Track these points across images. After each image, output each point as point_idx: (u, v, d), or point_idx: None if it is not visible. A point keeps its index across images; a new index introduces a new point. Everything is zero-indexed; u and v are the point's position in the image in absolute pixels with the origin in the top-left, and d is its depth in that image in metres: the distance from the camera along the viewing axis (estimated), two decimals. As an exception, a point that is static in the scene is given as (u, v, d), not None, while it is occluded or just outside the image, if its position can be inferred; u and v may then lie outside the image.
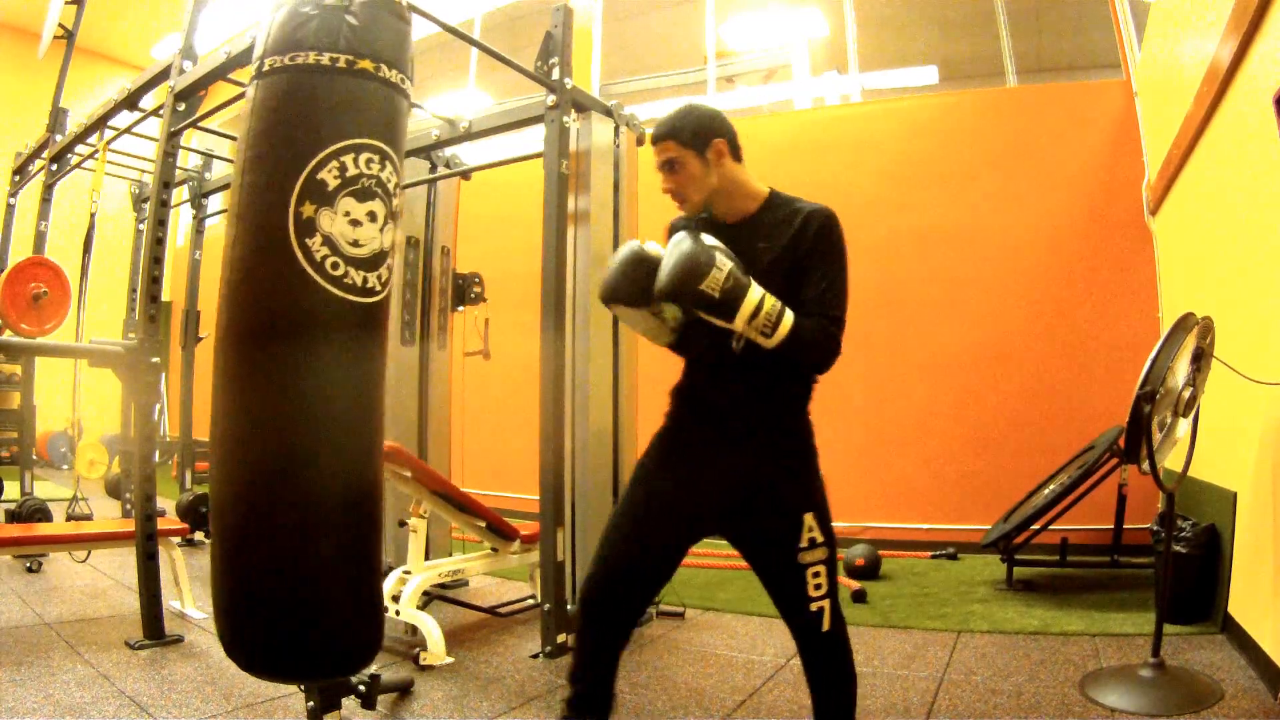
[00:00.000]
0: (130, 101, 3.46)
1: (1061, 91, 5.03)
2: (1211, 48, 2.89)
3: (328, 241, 1.57)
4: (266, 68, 1.61)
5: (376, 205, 1.65)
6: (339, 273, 1.60)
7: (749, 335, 1.48)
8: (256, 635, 1.59)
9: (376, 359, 1.71)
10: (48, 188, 4.75)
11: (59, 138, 4.60)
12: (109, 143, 3.88)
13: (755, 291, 1.46)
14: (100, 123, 3.79)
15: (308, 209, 1.56)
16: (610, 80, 6.63)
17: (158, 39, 9.60)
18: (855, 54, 5.80)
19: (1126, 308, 4.49)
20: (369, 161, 1.63)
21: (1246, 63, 2.62)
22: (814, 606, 1.54)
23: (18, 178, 5.14)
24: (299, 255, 1.55)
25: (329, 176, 1.58)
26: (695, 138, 1.58)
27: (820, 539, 1.55)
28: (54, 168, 4.66)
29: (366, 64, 1.63)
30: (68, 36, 5.40)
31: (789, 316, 1.47)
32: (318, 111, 1.60)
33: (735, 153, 1.63)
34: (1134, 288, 4.48)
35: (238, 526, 1.58)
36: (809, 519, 1.55)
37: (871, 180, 5.07)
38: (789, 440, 1.61)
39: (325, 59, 1.59)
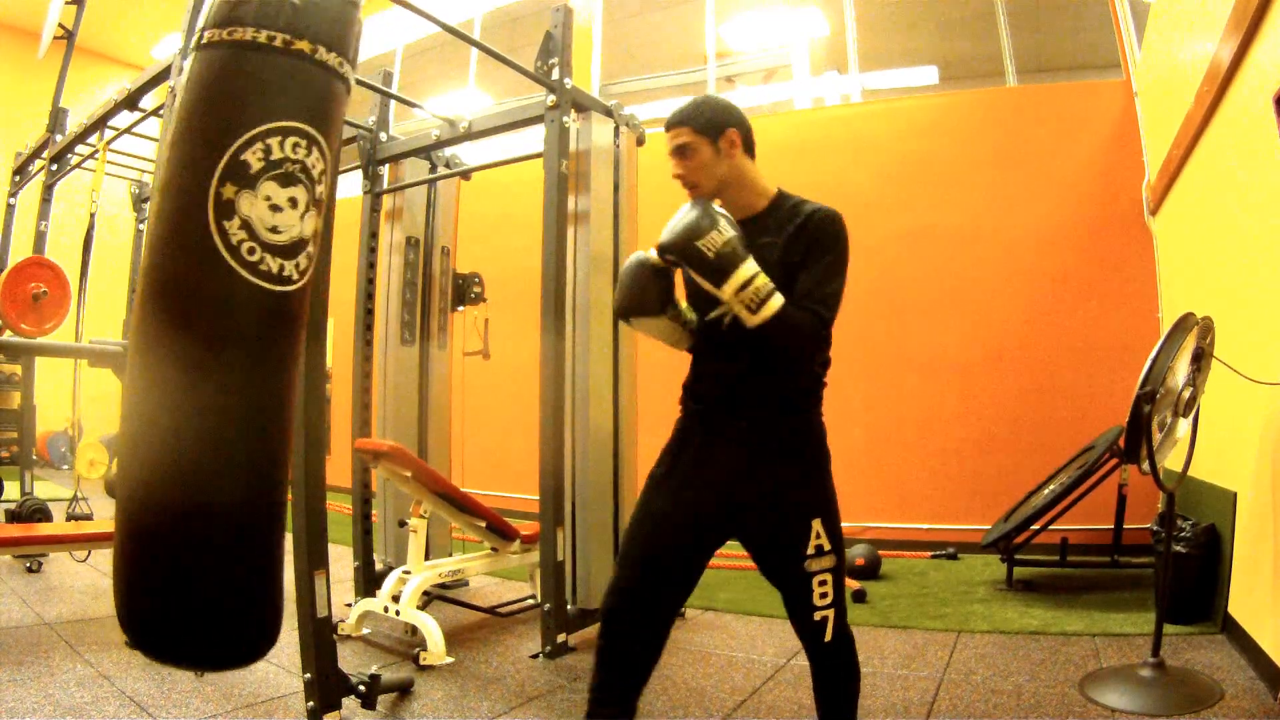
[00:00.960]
0: (130, 101, 3.46)
1: (1061, 91, 5.03)
2: (1211, 48, 2.89)
3: (245, 225, 1.51)
4: (205, 40, 1.55)
5: (299, 191, 1.58)
6: (255, 258, 1.53)
7: (735, 309, 1.47)
8: (146, 620, 1.54)
9: (288, 352, 1.64)
10: (48, 188, 4.75)
11: (59, 138, 4.60)
12: (109, 143, 3.88)
13: (750, 266, 1.45)
14: (100, 123, 3.79)
15: (228, 190, 1.50)
16: (610, 80, 6.63)
17: (158, 39, 9.60)
18: (855, 54, 5.80)
19: (1126, 308, 4.49)
20: (295, 146, 1.57)
21: (1246, 63, 2.62)
22: (818, 616, 1.52)
23: (18, 178, 5.14)
24: (215, 237, 1.49)
25: (252, 158, 1.52)
26: (710, 125, 1.58)
27: (828, 546, 1.53)
28: (54, 168, 4.66)
29: (303, 45, 1.57)
30: (68, 36, 5.40)
31: (779, 299, 1.46)
32: (247, 90, 1.53)
33: (749, 147, 1.63)
34: (1134, 288, 4.48)
35: (128, 527, 1.52)
36: (817, 525, 1.52)
37: (871, 180, 5.07)
38: (797, 441, 1.59)
39: (263, 36, 1.53)
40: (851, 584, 3.64)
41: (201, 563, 1.51)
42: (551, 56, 3.04)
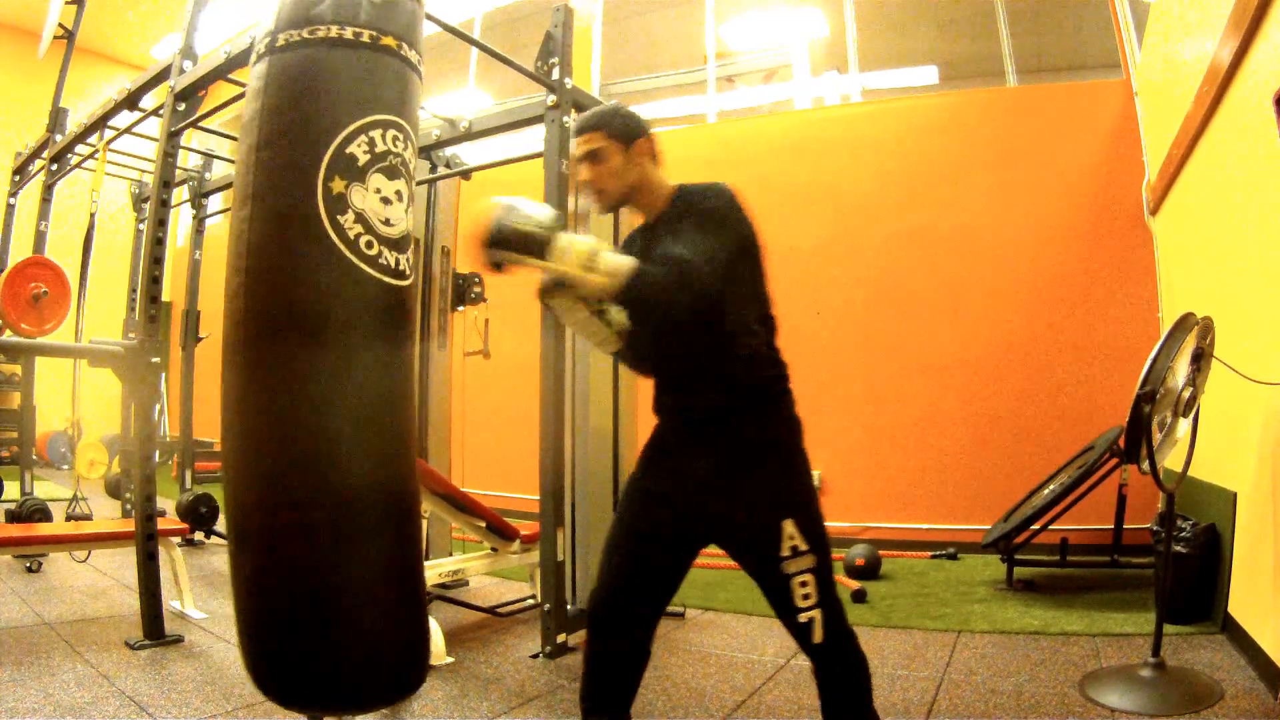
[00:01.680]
0: (130, 101, 3.46)
1: (1061, 91, 5.03)
2: (1211, 48, 2.89)
3: (361, 219, 1.47)
4: (281, 43, 1.52)
5: (402, 185, 1.56)
6: (373, 252, 1.48)
7: (579, 277, 1.38)
8: (287, 663, 1.43)
9: (409, 347, 1.62)
10: (48, 188, 4.75)
11: (59, 138, 4.60)
12: (109, 143, 3.88)
13: (571, 236, 1.40)
14: (100, 123, 3.79)
15: (338, 184, 1.46)
16: (610, 80, 6.62)
17: (158, 39, 9.61)
18: (855, 54, 5.80)
19: (1126, 308, 4.50)
20: (395, 139, 1.55)
21: (1246, 63, 2.62)
22: (802, 618, 1.47)
23: (18, 178, 5.14)
24: (331, 233, 1.44)
25: (359, 151, 1.49)
26: (623, 131, 1.58)
27: (804, 547, 1.46)
28: (54, 168, 4.66)
29: (389, 40, 1.56)
30: (68, 36, 5.40)
31: (627, 260, 1.40)
32: (342, 84, 1.51)
33: (655, 156, 1.63)
34: (1134, 288, 4.48)
35: (266, 535, 1.44)
36: (789, 526, 1.46)
37: (871, 180, 5.07)
38: (759, 439, 1.52)
39: (348, 33, 1.52)
40: (851, 584, 3.64)
41: (354, 573, 1.42)
42: (551, 56, 3.04)
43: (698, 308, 1.41)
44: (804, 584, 1.46)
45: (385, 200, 1.52)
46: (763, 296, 1.59)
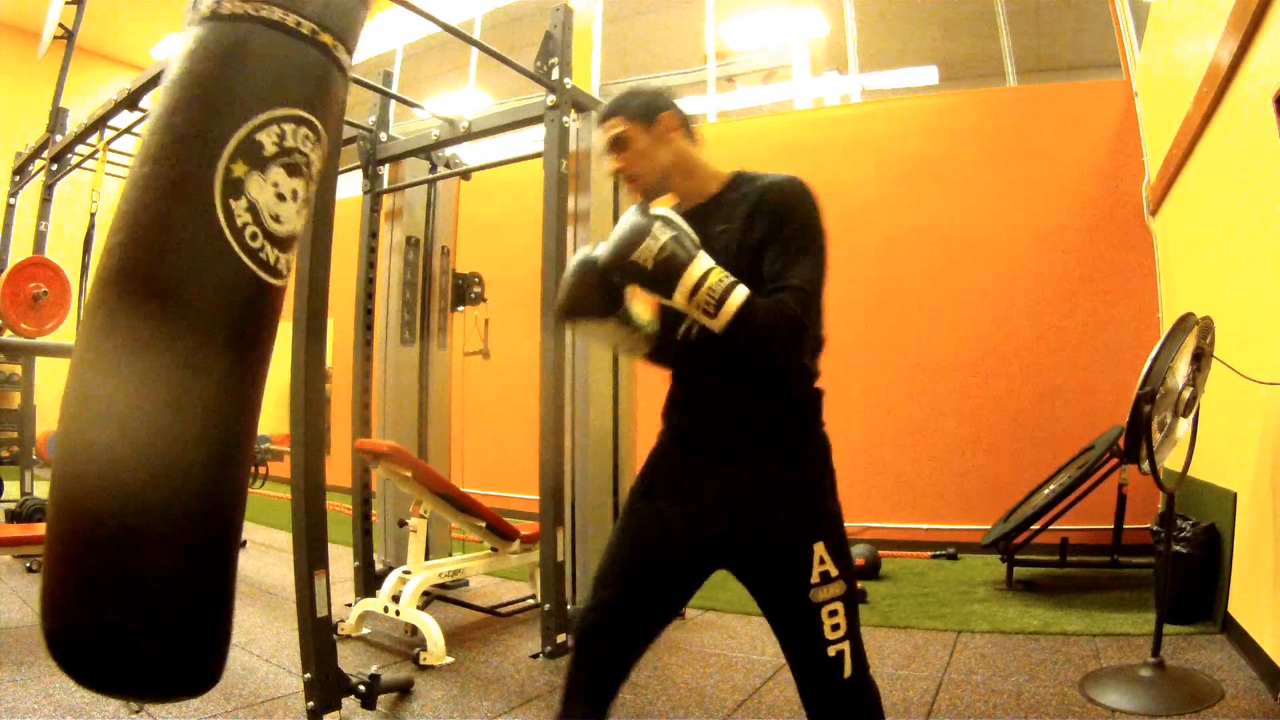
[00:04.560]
0: (130, 101, 3.46)
1: (1061, 91, 5.03)
2: (1211, 48, 2.89)
3: (252, 208, 1.42)
4: (226, 11, 1.47)
5: (300, 185, 1.52)
6: (256, 244, 1.44)
7: (695, 316, 1.32)
8: (69, 641, 1.39)
9: (267, 348, 1.55)
10: (48, 188, 4.76)
11: (59, 138, 4.60)
12: (109, 143, 3.88)
13: (699, 266, 1.29)
14: (100, 123, 3.79)
15: (239, 168, 1.41)
16: (610, 80, 6.62)
17: (158, 39, 9.60)
18: (855, 54, 5.81)
19: (1126, 308, 4.50)
20: (306, 138, 1.51)
21: (1246, 63, 2.62)
22: (832, 651, 1.35)
23: (18, 178, 5.15)
24: (220, 215, 1.39)
25: (267, 140, 1.45)
26: (642, 111, 1.49)
27: (834, 573, 1.35)
28: (54, 168, 4.66)
29: (327, 38, 1.51)
30: (68, 36, 5.40)
31: (739, 294, 1.28)
32: (270, 69, 1.46)
33: (688, 130, 1.52)
34: (1134, 288, 4.48)
35: (75, 525, 1.37)
36: (819, 549, 1.34)
37: (871, 180, 5.07)
38: (789, 456, 1.40)
39: (290, 20, 1.47)
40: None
41: (158, 566, 1.36)
42: (551, 56, 3.04)
43: (799, 345, 1.34)
44: (833, 613, 1.36)
45: (280, 196, 1.48)
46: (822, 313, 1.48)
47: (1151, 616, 2.62)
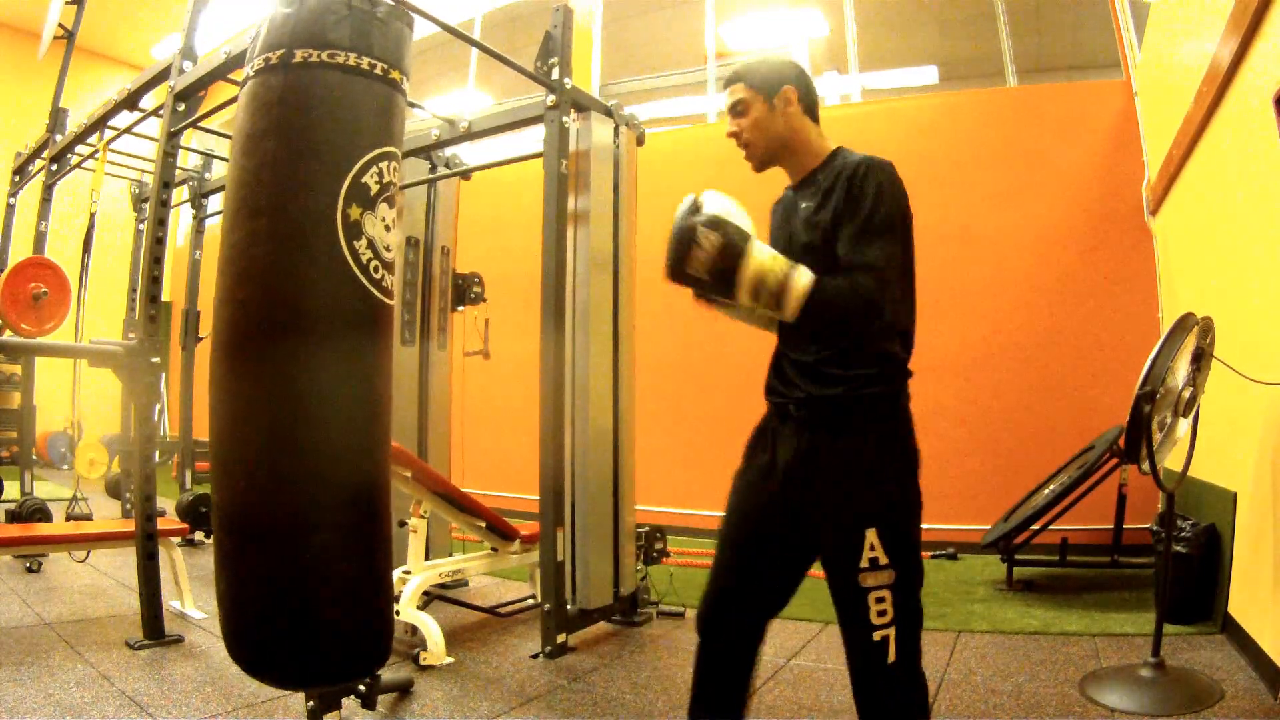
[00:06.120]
0: (130, 101, 3.46)
1: (1061, 91, 5.03)
2: (1211, 48, 2.89)
3: (371, 245, 1.60)
4: (298, 59, 1.58)
5: (396, 213, 1.70)
6: (378, 275, 1.62)
7: (765, 314, 1.34)
8: (254, 638, 1.58)
9: (389, 355, 1.76)
10: (48, 188, 4.75)
11: (59, 138, 4.60)
12: (109, 143, 3.88)
13: (755, 260, 1.30)
14: (100, 123, 3.79)
15: (354, 212, 1.58)
16: (610, 80, 6.63)
17: (158, 39, 9.61)
18: (855, 54, 5.80)
19: (1126, 308, 4.49)
20: (394, 169, 1.67)
21: (1246, 63, 2.62)
22: (877, 636, 1.36)
23: (18, 178, 5.15)
24: (348, 258, 1.57)
25: (371, 181, 1.61)
26: (765, 81, 1.50)
27: (884, 560, 1.35)
28: (54, 168, 4.66)
29: (396, 75, 1.67)
30: (68, 36, 5.40)
31: (801, 282, 1.29)
32: (361, 115, 1.62)
33: (808, 106, 1.53)
34: (1134, 288, 4.48)
35: (250, 526, 1.58)
36: (870, 535, 1.35)
37: (871, 180, 5.06)
38: (853, 436, 1.40)
39: (364, 63, 1.61)
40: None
41: (318, 561, 1.54)
42: (551, 56, 3.04)
43: (873, 327, 1.37)
44: (881, 600, 1.36)
45: (387, 228, 1.65)
46: (912, 302, 1.49)
47: (1151, 616, 2.62)
